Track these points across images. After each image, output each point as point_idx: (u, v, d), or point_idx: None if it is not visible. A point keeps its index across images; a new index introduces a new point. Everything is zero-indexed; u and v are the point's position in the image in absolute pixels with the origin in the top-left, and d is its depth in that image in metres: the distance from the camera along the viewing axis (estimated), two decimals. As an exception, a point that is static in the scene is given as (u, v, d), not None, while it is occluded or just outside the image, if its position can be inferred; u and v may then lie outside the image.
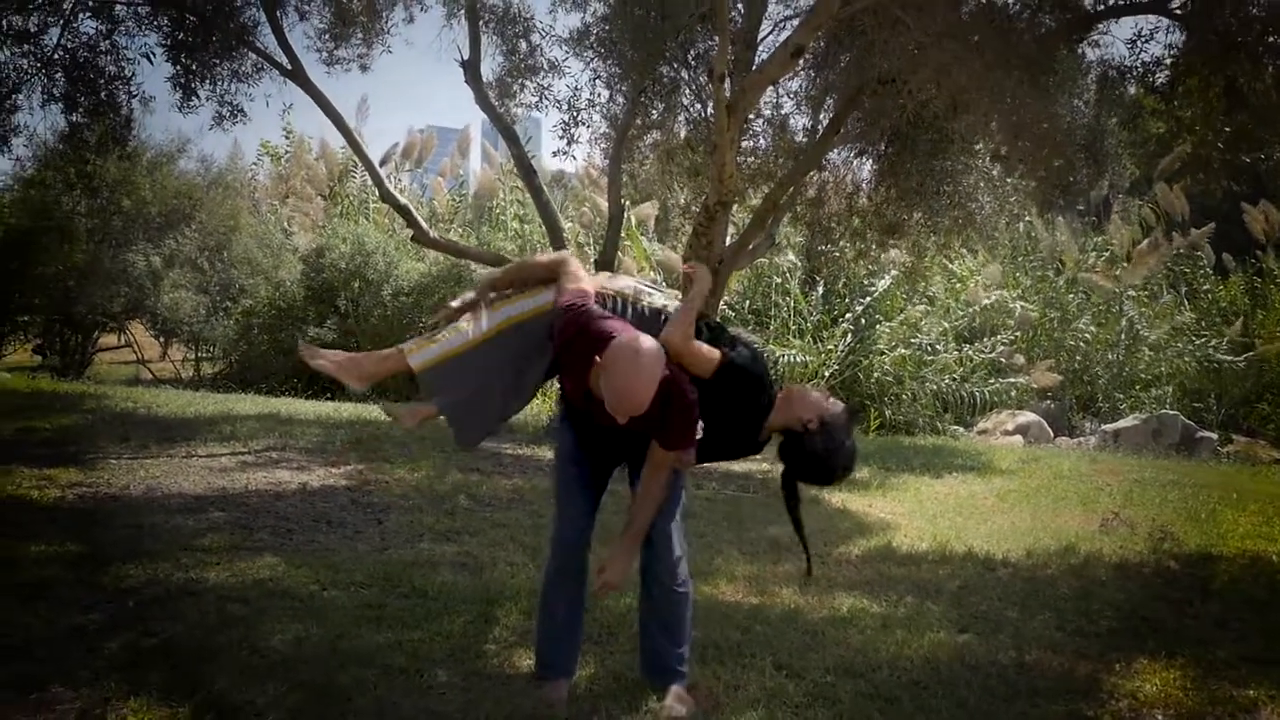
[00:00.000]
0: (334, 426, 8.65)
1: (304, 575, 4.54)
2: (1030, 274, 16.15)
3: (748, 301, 15.17)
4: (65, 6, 7.26)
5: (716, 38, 5.91)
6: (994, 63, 5.63)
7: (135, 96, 7.61)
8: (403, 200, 8.26)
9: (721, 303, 11.43)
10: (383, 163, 19.20)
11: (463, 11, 8.66)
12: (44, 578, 4.27)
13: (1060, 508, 7.25)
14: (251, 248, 15.47)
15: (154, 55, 7.36)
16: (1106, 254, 16.34)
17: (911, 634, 4.19)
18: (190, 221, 14.98)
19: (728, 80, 5.83)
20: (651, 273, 14.45)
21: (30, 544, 4.74)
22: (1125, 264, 15.57)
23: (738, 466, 8.20)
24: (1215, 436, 12.96)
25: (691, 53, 7.96)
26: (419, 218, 8.68)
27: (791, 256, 14.61)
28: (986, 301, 14.98)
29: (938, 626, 4.32)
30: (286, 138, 19.11)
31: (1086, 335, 15.20)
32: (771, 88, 7.51)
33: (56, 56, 7.28)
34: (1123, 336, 15.01)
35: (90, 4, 7.36)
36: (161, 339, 17.11)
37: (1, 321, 14.95)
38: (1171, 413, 13.14)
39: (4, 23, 7.06)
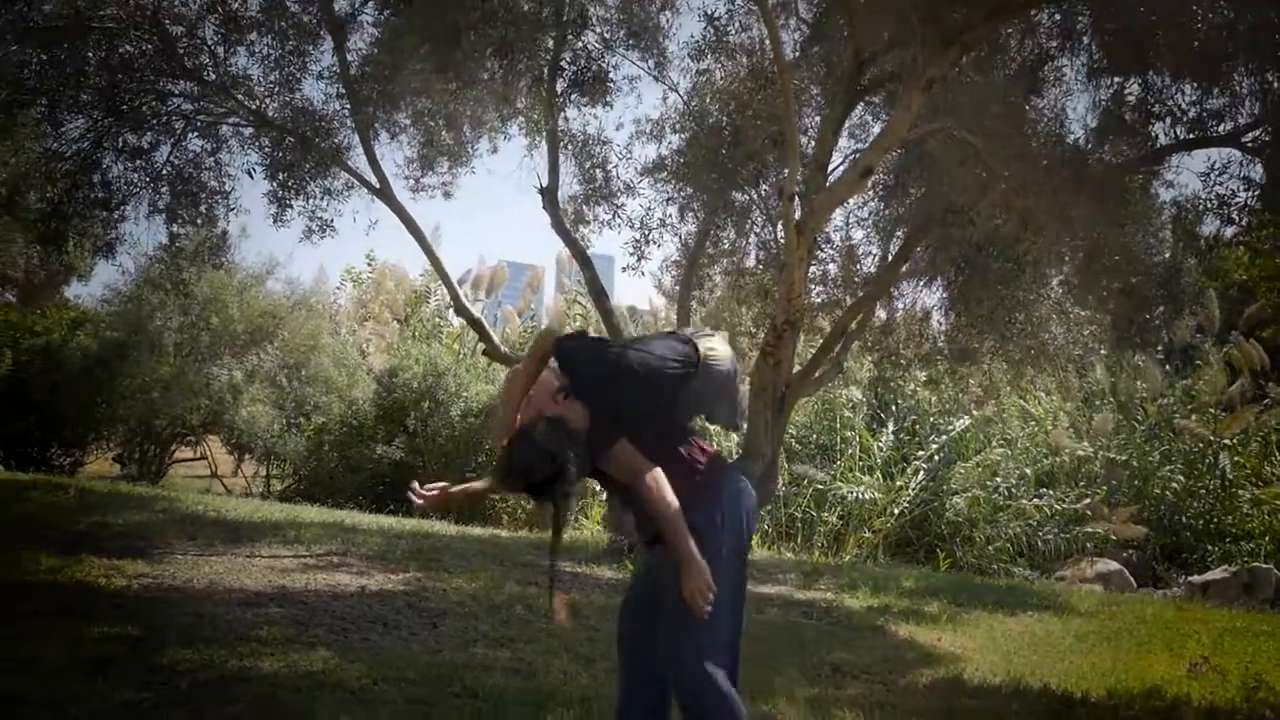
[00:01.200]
0: (396, 537, 8.67)
1: (356, 670, 4.49)
2: (1110, 418, 15.71)
3: (814, 435, 15.01)
4: (177, 126, 7.85)
5: (787, 160, 6.08)
6: (1063, 190, 5.68)
7: (233, 210, 8.10)
8: (476, 314, 8.49)
9: (786, 433, 11.33)
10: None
11: (544, 140, 9.06)
12: (104, 655, 4.31)
13: (1144, 651, 6.84)
14: (328, 367, 15.90)
15: (254, 171, 7.87)
16: (1192, 402, 15.87)
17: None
18: (273, 340, 15.52)
19: (797, 200, 5.96)
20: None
21: (94, 626, 4.81)
22: (1213, 410, 15.08)
23: (800, 594, 7.99)
24: (1312, 593, 12.20)
25: (762, 183, 8.19)
26: (491, 332, 8.88)
27: (857, 392, 14.50)
28: (1069, 448, 14.57)
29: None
30: (369, 264, 19.92)
31: (1174, 485, 14.61)
32: (842, 216, 7.67)
33: (164, 172, 7.83)
34: (1214, 486, 14.39)
35: (199, 124, 7.94)
36: (235, 454, 17.51)
37: (86, 430, 15.47)
38: (1266, 566, 12.44)
39: (120, 140, 7.66)
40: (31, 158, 7.27)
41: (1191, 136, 6.64)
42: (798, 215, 5.90)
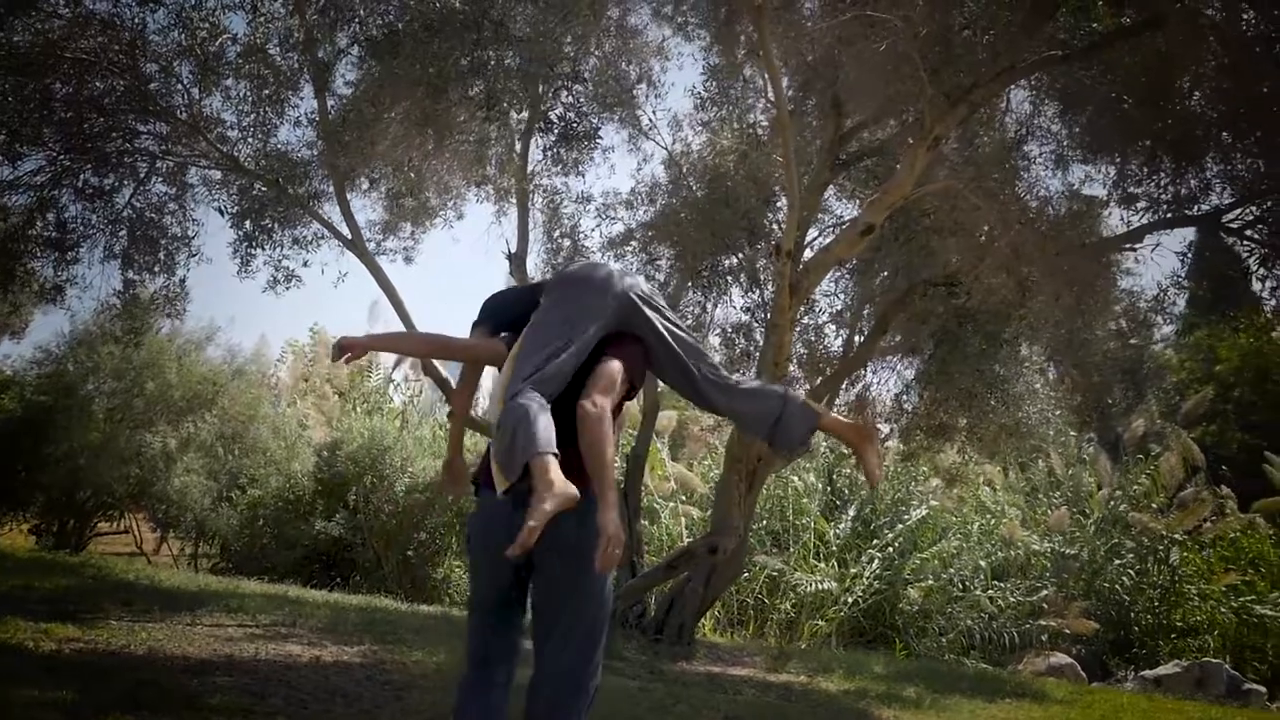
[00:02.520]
0: (343, 610, 8.16)
1: (323, 741, 4.06)
2: (1065, 513, 15.78)
3: (765, 520, 14.76)
4: (141, 166, 7.52)
5: (787, 217, 6.00)
6: (1056, 258, 5.69)
7: (195, 257, 7.73)
8: (444, 373, 8.19)
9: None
10: (397, 364, 19.44)
11: (513, 205, 8.93)
12: (36, 720, 3.83)
13: (1130, 739, 6.65)
14: (267, 438, 15.30)
15: (225, 209, 7.52)
16: (1144, 496, 16.01)
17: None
18: (211, 408, 14.89)
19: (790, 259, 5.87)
20: (669, 483, 14.18)
21: (24, 689, 4.30)
22: (1159, 503, 15.26)
23: (771, 677, 7.67)
24: (1264, 690, 12.21)
25: (736, 251, 8.12)
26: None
27: (812, 477, 14.37)
28: (1022, 541, 14.55)
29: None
30: (311, 336, 19.41)
31: (1123, 580, 14.62)
32: (820, 288, 7.59)
33: (125, 214, 7.47)
34: (1164, 581, 14.47)
35: (165, 168, 7.63)
36: (159, 529, 16.64)
37: (2, 499, 14.55)
38: (1216, 661, 12.43)
39: (80, 178, 7.29)
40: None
41: (1168, 216, 6.76)
42: (791, 274, 5.80)
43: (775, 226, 7.67)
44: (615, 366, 2.77)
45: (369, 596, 9.51)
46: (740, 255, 7.59)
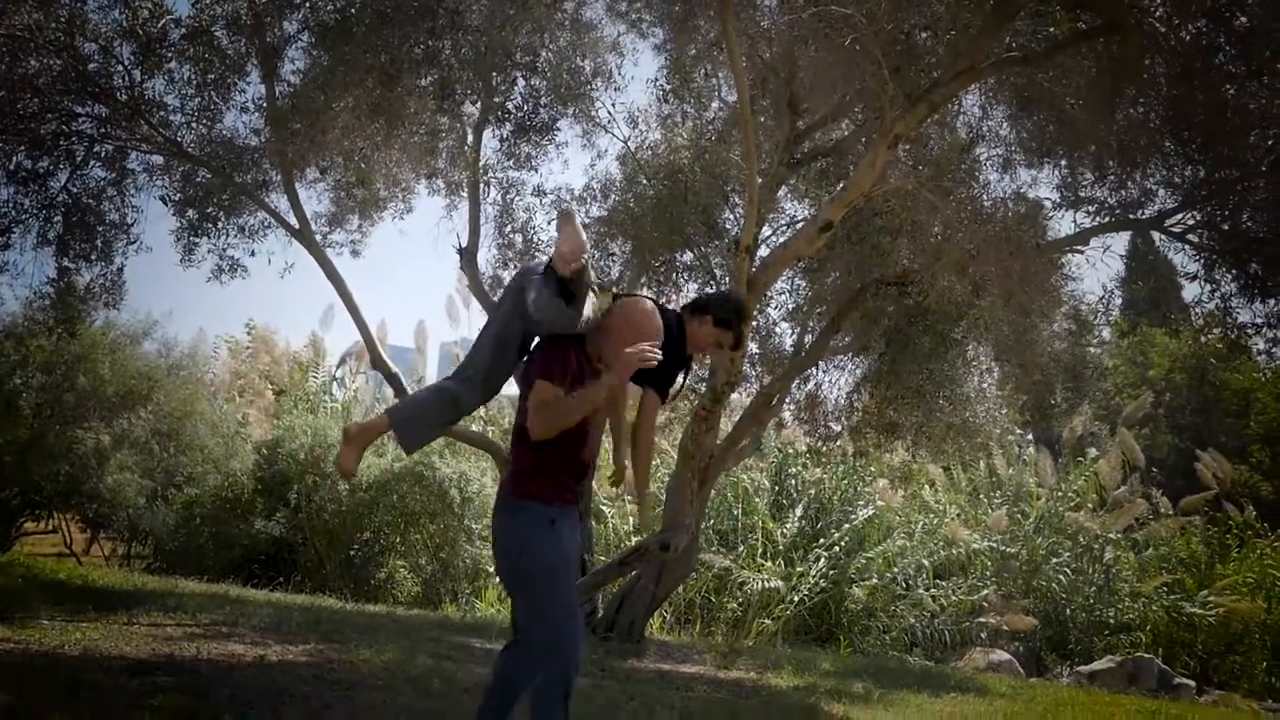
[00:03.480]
0: (286, 609, 7.97)
1: (272, 741, 3.94)
2: (1004, 513, 16.06)
3: (712, 520, 14.78)
4: (78, 150, 7.24)
5: (745, 213, 5.98)
6: (1013, 254, 5.76)
7: (134, 245, 7.46)
8: (393, 368, 8.05)
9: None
10: (342, 361, 19.11)
11: (464, 199, 8.81)
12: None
13: (1075, 731, 6.77)
14: (204, 435, 14.89)
15: (168, 199, 7.27)
16: (1076, 496, 16.38)
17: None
18: (146, 404, 14.44)
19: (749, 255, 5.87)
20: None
21: (-50, 691, 4.10)
22: (1094, 503, 15.62)
23: (721, 674, 7.67)
24: (1193, 684, 12.59)
25: (694, 247, 8.10)
26: (407, 387, 8.43)
27: (761, 476, 14.42)
28: (964, 540, 14.77)
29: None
30: (248, 332, 18.94)
31: (1060, 578, 14.93)
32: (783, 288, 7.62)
33: (59, 199, 7.18)
34: (1099, 579, 14.82)
35: (103, 152, 7.36)
36: (89, 529, 16.09)
37: (-81, 500, 13.96)
38: (1148, 656, 12.78)
39: (12, 160, 7.00)
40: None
41: (1115, 219, 6.89)
42: (751, 271, 5.79)
43: (731, 222, 7.67)
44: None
45: (312, 596, 9.30)
46: (695, 251, 7.57)
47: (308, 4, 6.76)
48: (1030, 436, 17.08)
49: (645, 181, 7.61)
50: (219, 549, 13.31)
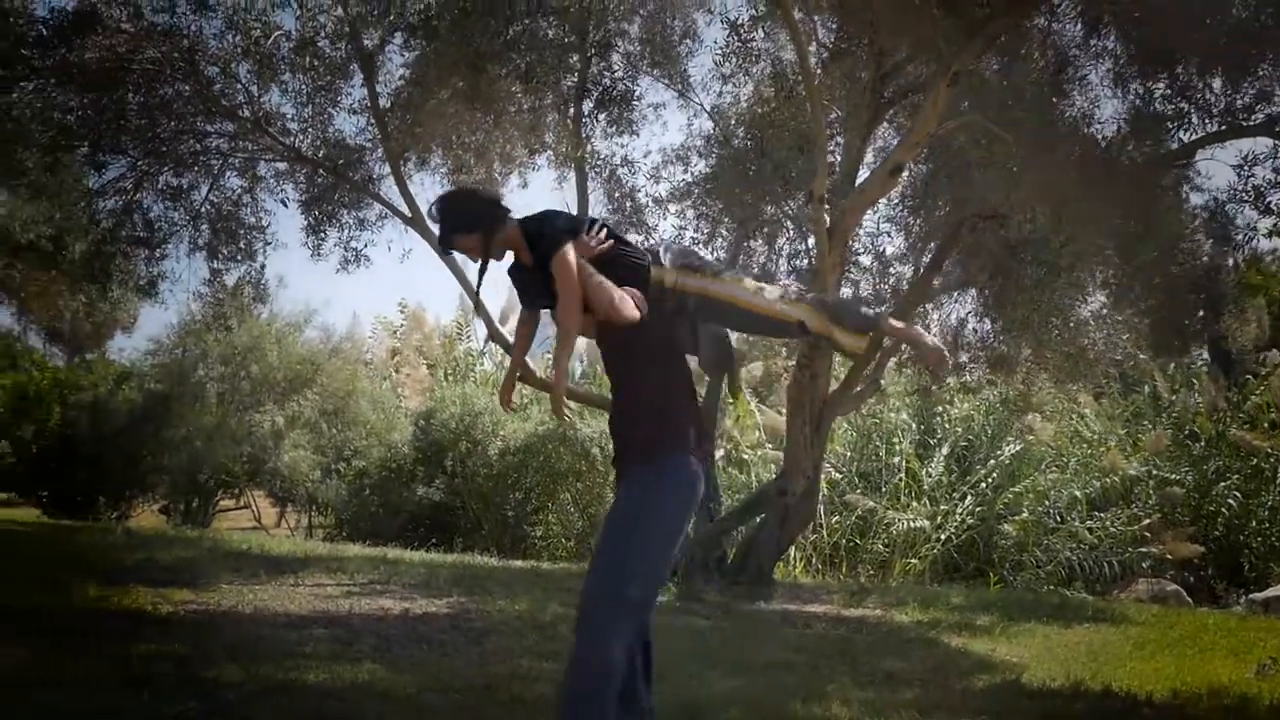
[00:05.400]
0: (437, 567, 8.65)
1: (403, 681, 4.48)
2: (1162, 435, 15.32)
3: (857, 462, 14.76)
4: (214, 164, 8.06)
5: (815, 163, 6.05)
6: (1093, 185, 5.63)
7: (270, 244, 8.27)
8: (511, 339, 8.51)
9: (825, 459, 11.14)
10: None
11: (572, 170, 9.14)
12: (150, 673, 4.31)
13: (1207, 657, 6.61)
14: (366, 411, 16.04)
15: (288, 202, 8.03)
16: (1248, 415, 15.41)
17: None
18: (311, 386, 15.68)
19: (827, 204, 5.95)
20: (757, 432, 14.32)
21: (141, 645, 4.82)
22: (1271, 421, 14.69)
23: (846, 612, 7.84)
24: (1381, 608, 11.77)
25: (791, 198, 8.18)
26: (526, 359, 8.89)
27: (905, 416, 14.28)
28: (1122, 469, 14.19)
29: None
30: (401, 311, 20.13)
31: (1230, 502, 14.16)
32: (873, 226, 7.62)
33: (203, 210, 8.03)
34: (1274, 501, 13.96)
35: (235, 162, 8.14)
36: (278, 505, 17.66)
37: (132, 482, 15.67)
38: (1329, 581, 12.05)
39: (160, 179, 7.87)
40: (74, 198, 7.49)
41: (1223, 128, 6.57)
42: (828, 219, 5.89)
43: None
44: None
45: (464, 555, 10.01)
46: (777, 206, 7.64)
47: (395, 7, 7.21)
48: (1206, 354, 16.16)
49: (729, 139, 7.72)
50: (387, 515, 14.38)
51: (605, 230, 3.30)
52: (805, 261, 7.73)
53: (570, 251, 3.10)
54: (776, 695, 4.71)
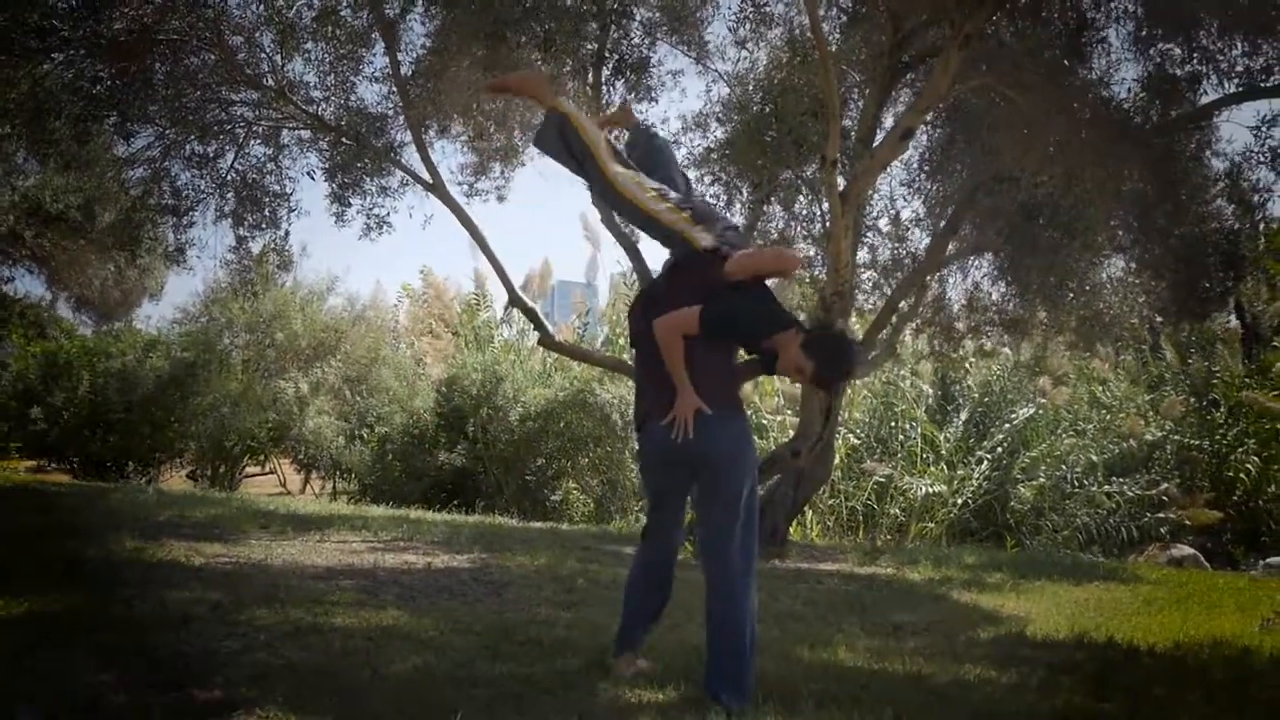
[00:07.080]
0: (459, 526, 8.87)
1: (425, 623, 4.67)
2: (1179, 400, 15.29)
3: (875, 428, 14.85)
4: (239, 133, 8.22)
5: (828, 128, 6.13)
6: (1108, 147, 5.68)
7: (294, 211, 8.44)
8: (530, 303, 8.69)
9: (840, 425, 11.26)
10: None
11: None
12: (187, 615, 4.52)
13: (1214, 613, 6.72)
14: (389, 378, 16.30)
15: (315, 174, 8.21)
16: (1268, 381, 15.32)
17: (1043, 698, 3.97)
18: (335, 353, 15.96)
19: (840, 167, 6.03)
20: (775, 398, 14.44)
21: (176, 591, 5.04)
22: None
23: (860, 570, 7.99)
24: (1398, 572, 11.79)
25: (806, 163, 8.25)
26: (545, 322, 9.07)
27: (924, 384, 14.35)
28: (1140, 434, 14.20)
29: (1075, 697, 4.07)
30: (423, 278, 20.35)
31: (1248, 467, 14.17)
32: (888, 193, 7.68)
33: (229, 178, 8.21)
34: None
35: (260, 131, 8.30)
36: (303, 471, 17.99)
37: (160, 448, 16.04)
38: (1343, 544, 12.07)
39: (187, 149, 8.05)
40: (103, 168, 7.68)
41: (1240, 89, 6.58)
42: (841, 183, 5.97)
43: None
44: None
45: (486, 515, 10.23)
46: (797, 173, 7.71)
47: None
48: (1232, 320, 16.09)
49: (744, 103, 7.78)
50: (410, 480, 14.65)
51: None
52: (820, 226, 7.82)
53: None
54: (785, 643, 4.87)
